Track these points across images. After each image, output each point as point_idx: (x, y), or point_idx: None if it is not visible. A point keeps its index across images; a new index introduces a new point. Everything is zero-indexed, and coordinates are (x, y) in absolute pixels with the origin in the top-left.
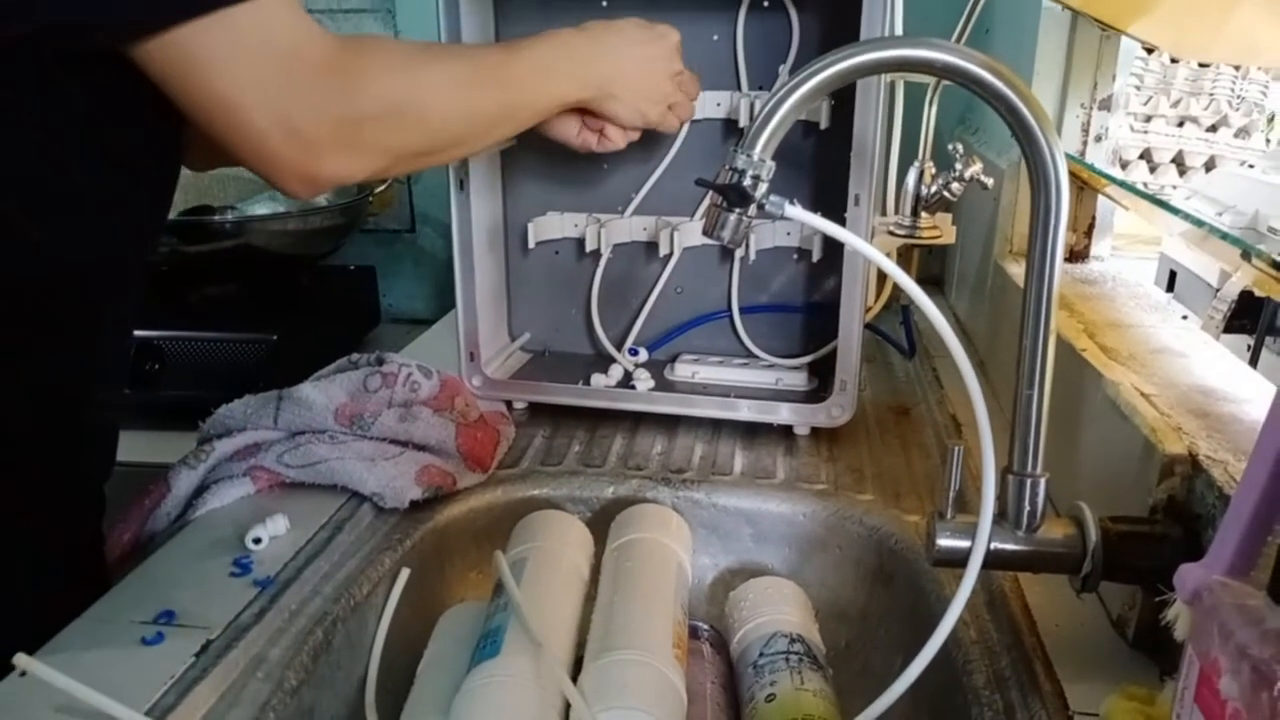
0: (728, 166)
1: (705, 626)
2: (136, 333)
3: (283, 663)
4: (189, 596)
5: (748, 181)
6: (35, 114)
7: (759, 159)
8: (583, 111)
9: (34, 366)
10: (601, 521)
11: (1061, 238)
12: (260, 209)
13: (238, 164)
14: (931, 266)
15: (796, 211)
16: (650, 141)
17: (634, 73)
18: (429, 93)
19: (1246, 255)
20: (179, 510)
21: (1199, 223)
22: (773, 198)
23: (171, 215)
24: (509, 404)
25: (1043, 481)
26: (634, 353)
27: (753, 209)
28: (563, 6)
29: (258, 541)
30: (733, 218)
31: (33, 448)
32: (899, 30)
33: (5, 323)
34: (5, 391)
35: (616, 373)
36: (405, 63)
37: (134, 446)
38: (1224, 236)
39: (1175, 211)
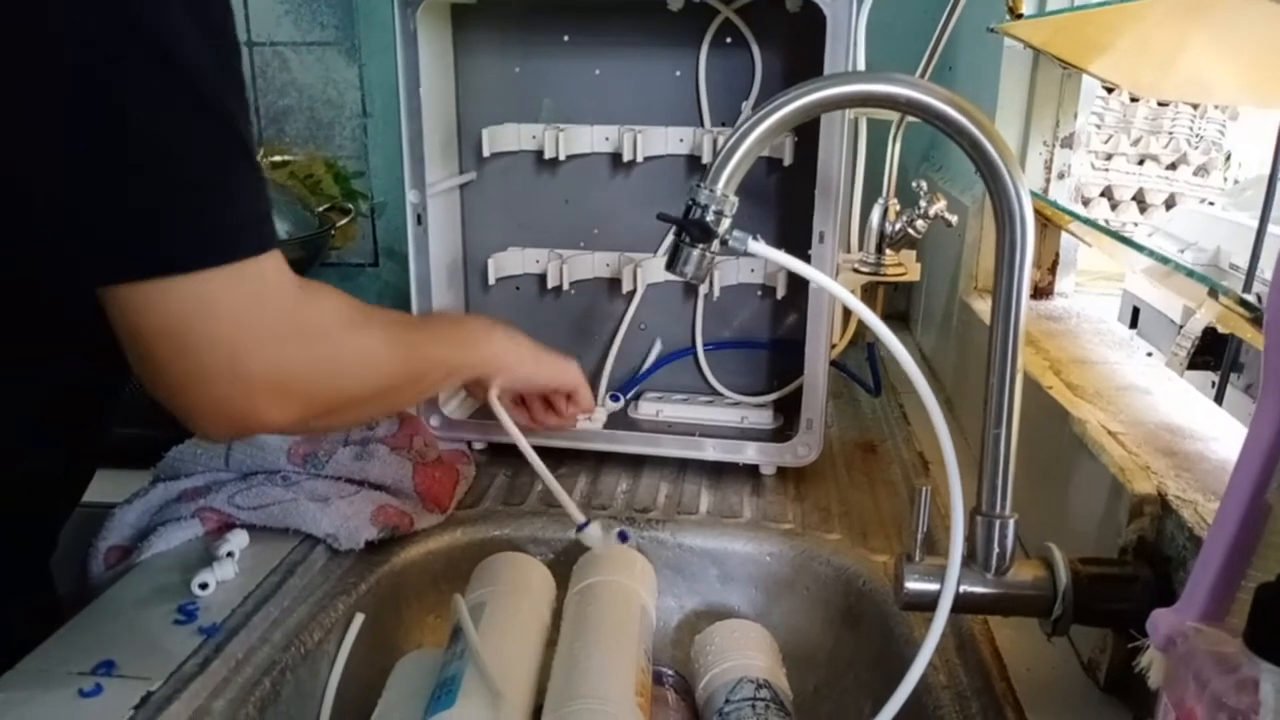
0: (690, 201)
1: (670, 672)
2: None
3: (227, 715)
4: (130, 645)
5: (710, 217)
6: None
7: (722, 194)
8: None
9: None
10: (564, 563)
11: (1027, 273)
12: None
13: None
14: (897, 303)
15: (760, 247)
16: (612, 176)
17: (512, 352)
18: (370, 352)
19: (1214, 293)
20: (120, 550)
21: (1164, 260)
22: (736, 233)
23: None
24: (469, 443)
25: (1012, 523)
26: (614, 399)
27: (716, 244)
28: (520, 41)
29: (204, 587)
30: (695, 253)
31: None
32: (861, 67)
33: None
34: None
35: (601, 415)
36: (355, 320)
37: None
38: (1190, 274)
39: (1140, 249)
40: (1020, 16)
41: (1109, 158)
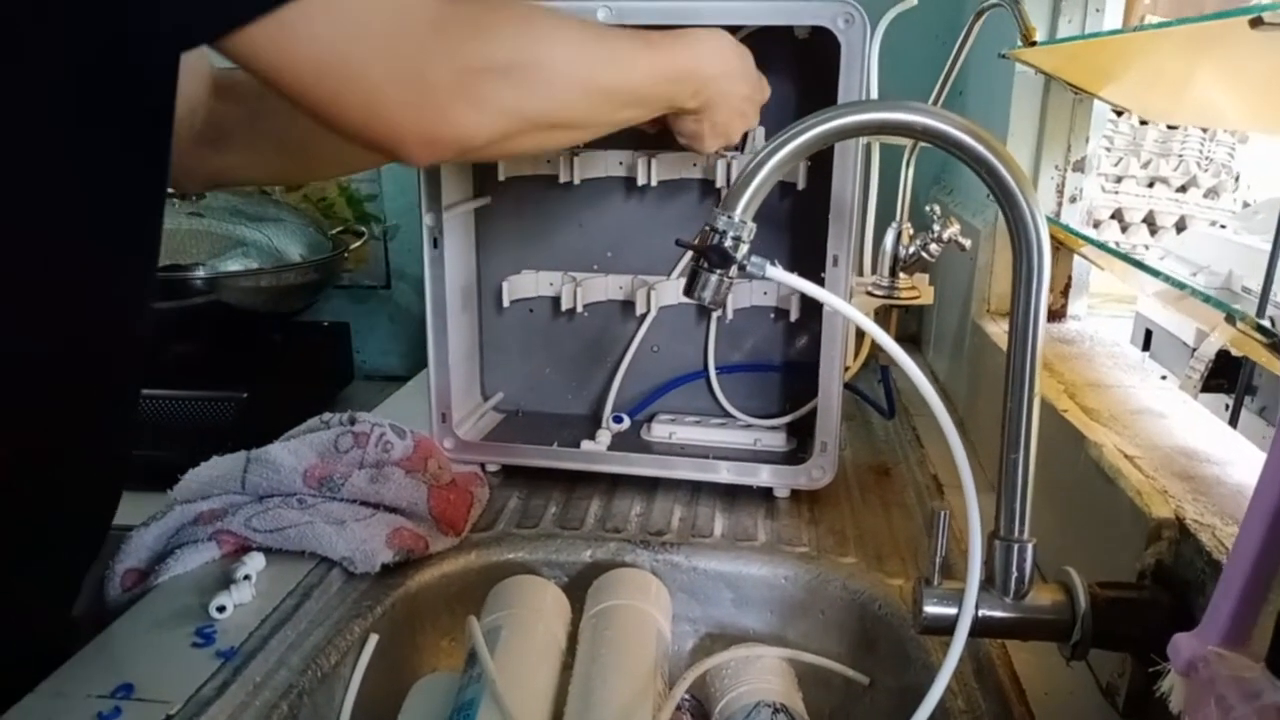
0: (708, 227)
1: (686, 696)
2: None
3: None
4: (149, 668)
5: (729, 242)
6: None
7: (739, 220)
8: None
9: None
10: (579, 586)
11: (1044, 298)
12: (233, 265)
13: (353, 140)
14: (909, 326)
15: (778, 273)
16: (625, 200)
17: (732, 100)
18: (549, 52)
19: (1231, 319)
20: (137, 573)
21: (1180, 285)
22: (753, 259)
23: None
24: (483, 465)
25: (1030, 546)
26: (618, 419)
27: (734, 270)
28: None
29: (221, 610)
30: (714, 279)
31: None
32: (874, 94)
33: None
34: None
35: (605, 437)
36: (525, 18)
37: None
38: (1206, 299)
39: (1155, 274)
40: (1034, 44)
41: (1119, 180)
